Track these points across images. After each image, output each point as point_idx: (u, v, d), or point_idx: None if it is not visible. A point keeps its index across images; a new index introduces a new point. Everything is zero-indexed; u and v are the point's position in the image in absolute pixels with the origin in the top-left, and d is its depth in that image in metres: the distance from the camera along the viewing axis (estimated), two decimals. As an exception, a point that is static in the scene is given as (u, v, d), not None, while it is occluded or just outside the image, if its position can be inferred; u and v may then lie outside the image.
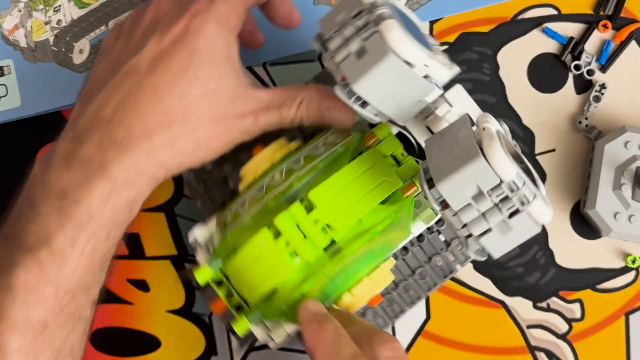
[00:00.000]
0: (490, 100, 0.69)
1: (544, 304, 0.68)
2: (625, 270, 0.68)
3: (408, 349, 0.68)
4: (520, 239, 0.47)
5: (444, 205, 0.47)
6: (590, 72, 0.69)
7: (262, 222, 0.53)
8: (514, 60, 0.69)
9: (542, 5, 0.70)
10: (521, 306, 0.68)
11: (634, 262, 0.67)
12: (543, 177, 0.68)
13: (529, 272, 0.68)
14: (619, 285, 0.68)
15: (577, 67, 0.69)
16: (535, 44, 0.70)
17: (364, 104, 0.49)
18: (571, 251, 0.68)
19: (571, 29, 0.69)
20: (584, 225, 0.68)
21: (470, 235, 0.47)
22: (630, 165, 0.64)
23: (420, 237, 0.63)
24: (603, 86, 0.68)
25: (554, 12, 0.70)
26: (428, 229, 0.63)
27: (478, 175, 0.45)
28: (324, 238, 0.52)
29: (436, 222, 0.62)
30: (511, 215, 0.46)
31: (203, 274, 0.55)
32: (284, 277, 0.53)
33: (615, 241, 0.68)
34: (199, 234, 0.58)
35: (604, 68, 0.69)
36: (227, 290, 0.56)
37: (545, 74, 0.69)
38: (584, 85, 0.69)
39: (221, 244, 0.55)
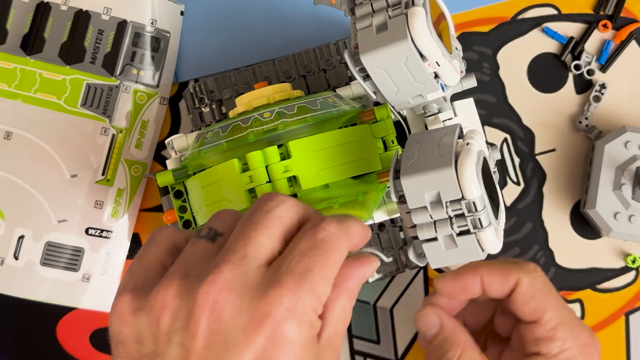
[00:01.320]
0: (490, 100, 0.69)
1: (544, 304, 0.68)
2: (625, 270, 0.68)
3: (408, 348, 0.68)
4: (461, 258, 0.47)
5: (402, 199, 0.47)
6: (590, 72, 0.69)
7: (236, 152, 0.54)
8: (514, 60, 0.69)
9: (542, 5, 0.70)
10: (521, 306, 0.68)
11: (634, 262, 0.67)
12: (543, 177, 0.68)
13: (529, 272, 0.68)
14: (619, 285, 0.68)
15: (577, 67, 0.69)
16: (535, 43, 0.70)
17: (367, 77, 0.49)
18: (571, 251, 0.68)
19: (571, 29, 0.70)
20: (584, 225, 0.68)
21: (416, 238, 0.47)
22: (630, 165, 0.64)
23: (381, 227, 0.64)
24: (603, 86, 0.68)
25: (554, 11, 0.70)
26: (392, 221, 0.63)
27: (442, 184, 0.45)
28: (286, 188, 0.52)
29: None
30: (460, 233, 0.46)
31: (164, 178, 0.57)
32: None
33: (615, 241, 0.68)
34: (176, 141, 0.59)
35: (604, 68, 0.69)
36: (183, 205, 0.58)
37: (545, 73, 0.69)
38: (584, 85, 0.69)
39: (192, 158, 0.56)
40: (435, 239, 0.46)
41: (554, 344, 0.53)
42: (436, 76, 0.49)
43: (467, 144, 0.46)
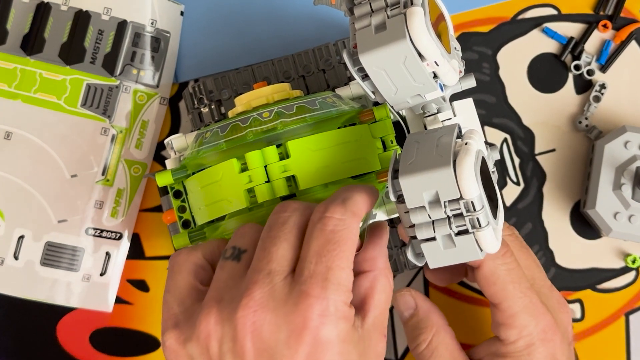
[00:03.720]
0: (490, 100, 0.69)
1: (544, 304, 0.68)
2: (625, 270, 0.68)
3: (408, 348, 0.67)
4: (460, 258, 0.47)
5: (400, 199, 0.47)
6: (590, 72, 0.69)
7: (235, 152, 0.54)
8: (514, 60, 0.69)
9: (542, 5, 0.70)
10: (521, 306, 0.68)
11: (634, 262, 0.67)
12: (543, 177, 0.68)
13: (529, 272, 0.68)
14: (619, 286, 0.68)
15: (577, 67, 0.69)
16: (535, 44, 0.70)
17: (366, 76, 0.49)
18: (571, 251, 0.68)
19: (571, 29, 0.69)
20: (584, 225, 0.68)
21: (415, 237, 0.47)
22: (630, 165, 0.64)
23: None
24: (603, 86, 0.68)
25: (554, 12, 0.70)
26: (390, 221, 0.63)
27: (441, 183, 0.45)
28: (285, 188, 0.52)
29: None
30: (459, 233, 0.46)
31: (164, 178, 0.57)
32: (234, 210, 0.53)
33: (615, 241, 0.68)
34: (175, 141, 0.59)
35: (604, 68, 0.69)
36: (182, 205, 0.58)
37: (545, 74, 0.69)
38: (584, 85, 0.69)
39: (191, 157, 0.56)
40: (433, 238, 0.46)
41: (512, 331, 0.54)
42: (435, 76, 0.49)
43: (466, 143, 0.46)
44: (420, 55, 0.47)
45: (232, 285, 0.46)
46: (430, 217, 0.46)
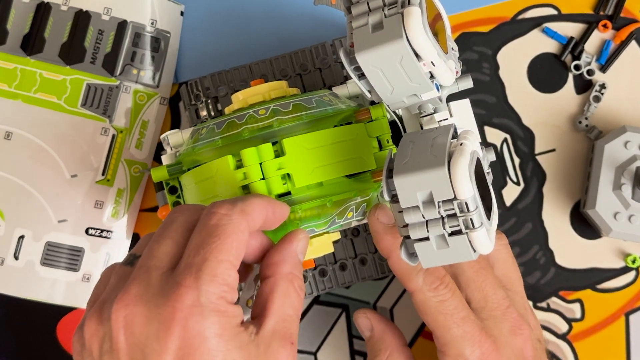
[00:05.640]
0: (490, 100, 0.69)
1: (544, 304, 0.68)
2: (625, 270, 0.68)
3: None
4: (453, 258, 0.47)
5: (395, 199, 0.47)
6: (590, 72, 0.69)
7: (230, 149, 0.54)
8: (514, 60, 0.69)
9: (542, 5, 0.70)
10: (521, 306, 0.68)
11: (634, 262, 0.67)
12: (543, 177, 0.68)
13: (529, 272, 0.68)
14: (619, 285, 0.68)
15: (577, 67, 0.69)
16: (535, 44, 0.69)
17: (362, 75, 0.49)
18: (571, 251, 0.68)
19: (571, 29, 0.69)
20: (584, 225, 0.68)
21: (408, 237, 0.47)
22: (630, 165, 0.64)
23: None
24: (603, 86, 0.68)
25: (554, 12, 0.70)
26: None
27: (435, 184, 0.45)
28: (280, 186, 0.52)
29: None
30: (452, 233, 0.46)
31: (159, 173, 0.57)
32: None
33: (615, 241, 0.68)
34: (171, 137, 0.59)
35: (604, 68, 0.69)
36: (177, 200, 0.58)
37: (545, 74, 0.69)
38: (584, 85, 0.69)
39: (187, 154, 0.56)
40: (427, 238, 0.46)
41: (447, 359, 0.55)
42: (431, 76, 0.49)
43: (461, 144, 0.46)
44: (416, 55, 0.47)
45: (118, 287, 0.45)
46: (424, 217, 0.46)
